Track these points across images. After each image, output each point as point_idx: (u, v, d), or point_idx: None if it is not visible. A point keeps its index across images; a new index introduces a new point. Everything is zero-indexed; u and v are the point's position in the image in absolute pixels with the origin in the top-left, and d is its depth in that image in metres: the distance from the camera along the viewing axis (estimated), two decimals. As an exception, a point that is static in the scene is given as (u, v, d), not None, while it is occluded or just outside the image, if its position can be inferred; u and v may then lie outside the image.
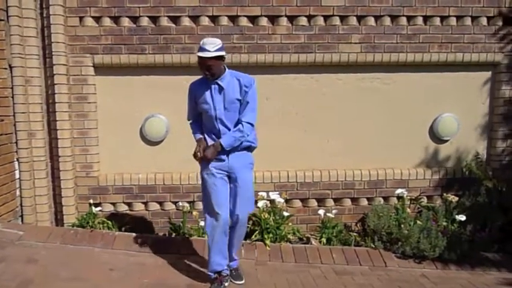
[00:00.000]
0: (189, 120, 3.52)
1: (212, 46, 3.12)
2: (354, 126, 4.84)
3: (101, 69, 4.57)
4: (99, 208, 4.61)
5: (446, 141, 4.96)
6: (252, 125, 3.31)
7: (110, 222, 4.56)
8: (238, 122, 3.31)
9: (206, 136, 3.38)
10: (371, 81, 4.81)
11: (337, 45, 4.60)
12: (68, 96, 4.49)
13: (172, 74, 4.61)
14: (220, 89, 3.25)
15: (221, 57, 3.18)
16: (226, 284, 3.50)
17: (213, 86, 3.26)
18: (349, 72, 4.76)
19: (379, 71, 4.78)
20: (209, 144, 3.35)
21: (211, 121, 3.32)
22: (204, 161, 3.35)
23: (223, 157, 3.34)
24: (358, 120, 4.83)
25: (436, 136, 4.94)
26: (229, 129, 3.32)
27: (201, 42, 3.17)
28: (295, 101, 4.76)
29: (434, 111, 4.91)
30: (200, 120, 3.43)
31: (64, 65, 4.42)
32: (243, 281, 3.62)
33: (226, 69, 3.28)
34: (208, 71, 3.17)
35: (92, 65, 4.52)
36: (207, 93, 3.28)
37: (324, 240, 4.48)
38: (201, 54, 3.14)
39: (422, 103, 4.88)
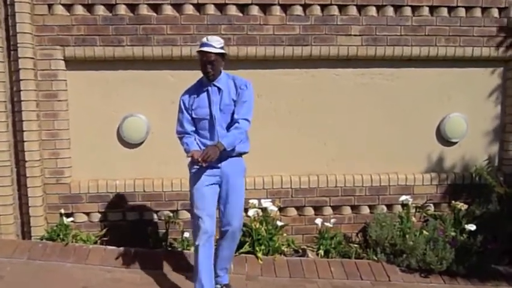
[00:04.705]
0: (180, 133, 3.58)
1: (217, 43, 3.37)
2: (354, 127, 4.85)
3: (72, 63, 4.53)
4: (71, 219, 4.56)
5: (455, 143, 5.00)
6: (248, 121, 3.49)
7: (83, 234, 4.54)
8: (231, 123, 3.47)
9: (202, 147, 3.47)
10: (372, 77, 4.82)
11: (335, 37, 4.62)
12: (35, 94, 4.45)
13: (153, 68, 4.61)
14: (219, 91, 3.46)
15: (224, 56, 3.43)
16: None
17: (210, 88, 3.46)
18: (349, 67, 4.78)
19: (381, 66, 4.81)
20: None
21: (208, 125, 3.48)
22: (200, 165, 3.36)
23: (217, 164, 3.45)
24: (358, 120, 4.85)
25: (443, 138, 4.97)
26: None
27: (204, 39, 3.40)
28: (289, 98, 4.76)
29: (441, 111, 4.94)
30: (195, 130, 3.55)
31: (31, 58, 4.38)
32: None
33: (222, 71, 3.49)
34: (212, 68, 3.36)
35: (62, 58, 4.48)
36: (203, 96, 3.47)
37: (321, 252, 4.48)
38: (206, 49, 3.33)
39: (428, 101, 4.90)
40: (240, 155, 3.58)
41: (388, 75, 4.83)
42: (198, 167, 3.41)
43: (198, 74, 3.51)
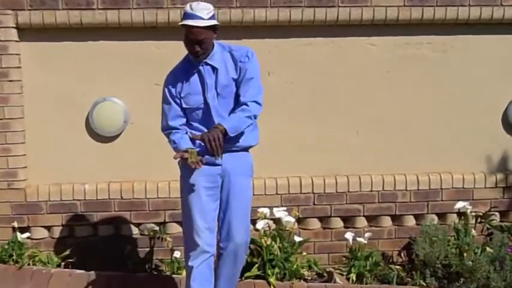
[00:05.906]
0: (166, 130, 3.34)
1: (206, 12, 3.05)
2: (394, 112, 4.46)
3: (28, 33, 4.21)
4: (27, 234, 4.26)
5: (527, 133, 4.61)
6: (259, 104, 3.24)
7: (43, 254, 4.25)
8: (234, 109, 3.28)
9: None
10: (418, 47, 4.44)
11: (370, -5, 4.30)
12: (-20, 73, 4.13)
13: (133, 38, 4.26)
14: (213, 70, 3.23)
15: (215, 28, 3.15)
16: None
17: (202, 68, 3.20)
18: (387, 35, 4.41)
19: (430, 32, 4.42)
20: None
21: (203, 115, 3.26)
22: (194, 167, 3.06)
23: (218, 159, 3.24)
24: (399, 102, 4.45)
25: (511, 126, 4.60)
26: None
27: (188, 7, 3.10)
28: (309, 75, 4.38)
29: (508, 90, 4.52)
30: (185, 123, 3.34)
31: (-26, 26, 4.05)
32: None
33: (215, 43, 3.24)
34: (201, 47, 3.08)
35: (14, 26, 4.16)
36: (194, 79, 3.25)
37: (353, 276, 4.16)
38: (192, 22, 3.02)
39: (491, 79, 4.48)
40: (246, 149, 3.31)
41: (439, 44, 4.43)
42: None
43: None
